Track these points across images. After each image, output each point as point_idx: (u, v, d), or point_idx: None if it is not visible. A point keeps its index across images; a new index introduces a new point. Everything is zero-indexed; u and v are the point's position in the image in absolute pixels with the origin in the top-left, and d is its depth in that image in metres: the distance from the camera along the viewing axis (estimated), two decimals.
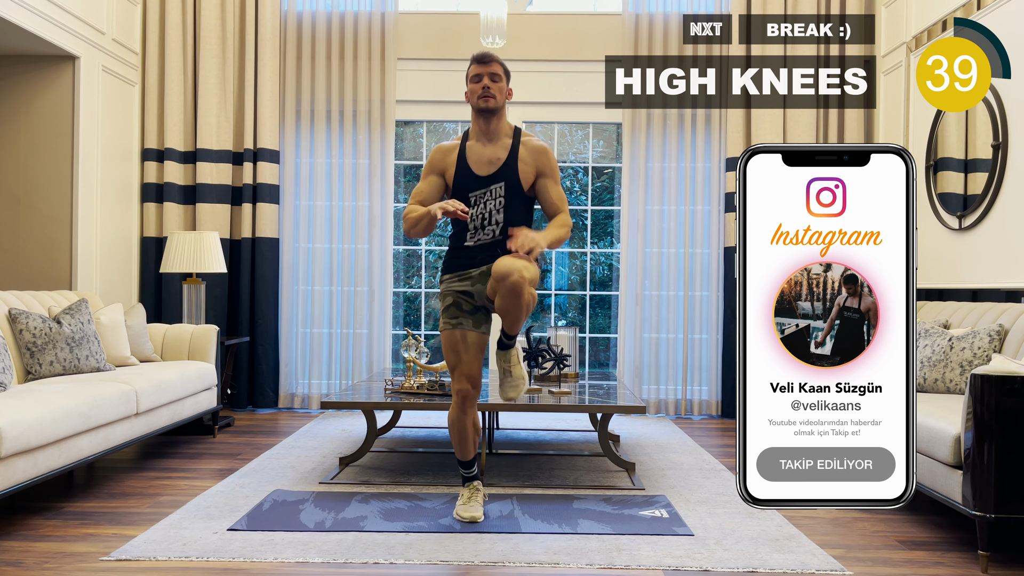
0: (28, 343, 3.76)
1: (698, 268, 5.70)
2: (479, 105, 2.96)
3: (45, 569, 2.52)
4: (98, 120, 5.09)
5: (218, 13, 5.63)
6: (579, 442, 4.60)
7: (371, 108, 5.73)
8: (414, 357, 4.02)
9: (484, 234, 2.95)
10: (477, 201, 2.95)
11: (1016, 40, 3.87)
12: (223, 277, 5.61)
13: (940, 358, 3.57)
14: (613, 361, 6.23)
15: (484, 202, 2.95)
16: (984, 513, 2.55)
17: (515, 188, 2.95)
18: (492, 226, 2.95)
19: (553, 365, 4.35)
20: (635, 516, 3.11)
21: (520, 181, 2.96)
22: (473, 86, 2.97)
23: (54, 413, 3.02)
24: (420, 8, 6.03)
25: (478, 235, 2.95)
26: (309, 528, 2.92)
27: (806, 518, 3.16)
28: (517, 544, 2.77)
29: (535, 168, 2.98)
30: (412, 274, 6.76)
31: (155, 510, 3.17)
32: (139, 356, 4.49)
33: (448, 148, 3.02)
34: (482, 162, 2.96)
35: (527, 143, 2.99)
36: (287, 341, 5.75)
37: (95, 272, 5.07)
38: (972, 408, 2.59)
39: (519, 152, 2.97)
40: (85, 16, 4.88)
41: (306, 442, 4.51)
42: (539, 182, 3.00)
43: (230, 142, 5.69)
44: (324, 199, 5.78)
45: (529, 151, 2.98)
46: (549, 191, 3.00)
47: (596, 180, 6.68)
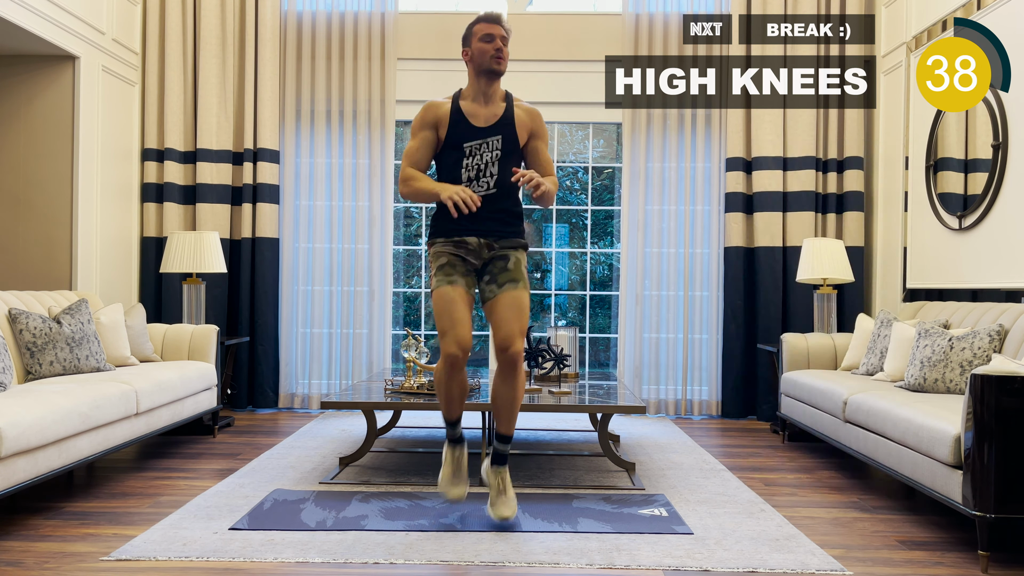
0: (28, 343, 3.76)
1: (698, 268, 5.70)
2: (490, 66, 2.96)
3: (45, 569, 2.52)
4: (98, 120, 5.09)
5: (218, 13, 5.63)
6: (579, 442, 4.60)
7: (371, 108, 5.73)
8: (414, 357, 4.02)
9: (478, 185, 2.96)
10: (473, 152, 2.97)
11: (1016, 40, 3.87)
12: (223, 277, 5.61)
13: (940, 358, 3.57)
14: (613, 361, 6.23)
15: (480, 153, 2.97)
16: (984, 513, 2.55)
17: (512, 143, 3.00)
18: (487, 178, 2.96)
19: (553, 365, 4.35)
20: (634, 515, 3.11)
21: (517, 137, 3.01)
22: (484, 45, 2.96)
23: (54, 413, 3.02)
24: (420, 8, 6.03)
25: (472, 186, 2.95)
26: (310, 527, 2.92)
27: (806, 518, 3.16)
28: (517, 544, 2.77)
29: (529, 129, 3.04)
30: (412, 274, 6.77)
31: (155, 510, 3.17)
32: (139, 356, 4.49)
33: (439, 103, 3.02)
34: (479, 116, 2.98)
35: (520, 105, 3.07)
36: (287, 341, 5.75)
37: (95, 272, 5.07)
38: (972, 408, 2.59)
39: (515, 112, 3.04)
40: (85, 16, 4.89)
41: (306, 442, 4.51)
42: (531, 143, 3.06)
43: (230, 142, 5.69)
44: (324, 199, 5.78)
45: (524, 112, 3.05)
46: (540, 153, 3.08)
47: (596, 180, 6.68)
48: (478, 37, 2.97)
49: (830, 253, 5.02)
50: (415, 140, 3.01)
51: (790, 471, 4.02)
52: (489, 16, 2.99)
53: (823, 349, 4.76)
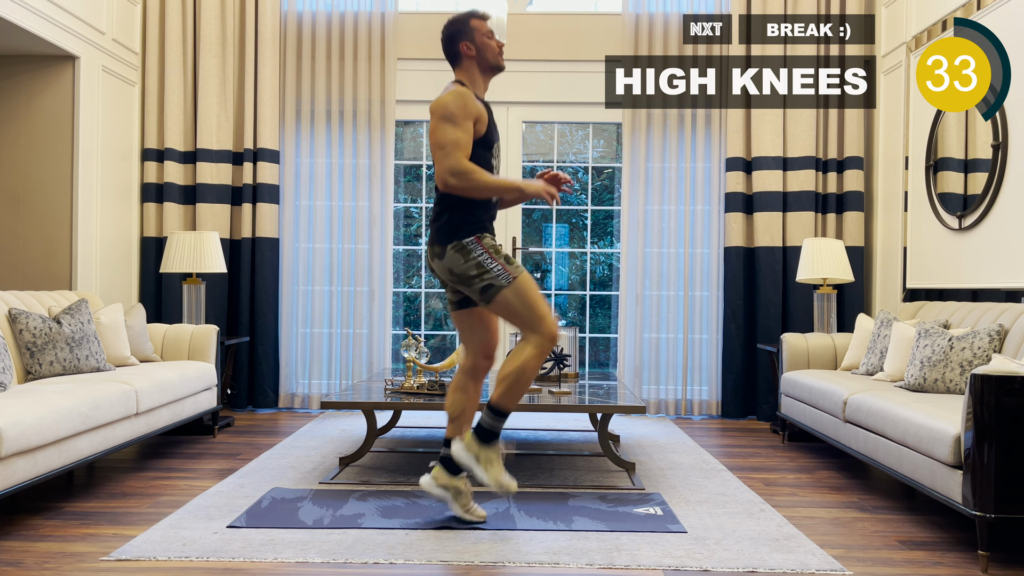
0: (28, 343, 3.76)
1: (698, 268, 5.70)
2: (499, 63, 2.98)
3: (45, 569, 2.52)
4: (98, 120, 5.09)
5: (218, 13, 5.63)
6: (579, 442, 4.60)
7: (371, 108, 5.73)
8: (414, 357, 4.02)
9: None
10: (496, 152, 2.98)
11: (1016, 40, 3.87)
12: (223, 277, 5.61)
13: (940, 358, 3.57)
14: (613, 361, 6.23)
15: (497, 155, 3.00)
16: (984, 513, 2.55)
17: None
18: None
19: (553, 365, 4.35)
20: (629, 513, 3.11)
21: None
22: (492, 42, 2.97)
23: (54, 413, 3.02)
24: (420, 8, 6.03)
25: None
26: (307, 525, 2.92)
27: (806, 518, 3.16)
28: (517, 544, 2.77)
29: None
30: (412, 274, 6.76)
31: (155, 510, 3.17)
32: (139, 356, 4.49)
33: (473, 96, 2.88)
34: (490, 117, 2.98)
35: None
36: (287, 341, 5.75)
37: (95, 272, 5.07)
38: (972, 408, 2.59)
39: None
40: (85, 16, 4.89)
41: (306, 442, 4.51)
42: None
43: (230, 142, 5.69)
44: (324, 199, 5.78)
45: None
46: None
47: (596, 180, 6.68)
48: (483, 33, 2.96)
49: (830, 253, 5.02)
50: (461, 130, 2.78)
51: (790, 471, 4.02)
52: (484, 14, 2.98)
53: (823, 349, 4.76)
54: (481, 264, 2.81)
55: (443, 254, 2.86)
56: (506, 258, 2.83)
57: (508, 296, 2.79)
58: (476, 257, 2.82)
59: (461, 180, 2.76)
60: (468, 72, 2.98)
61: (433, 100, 2.87)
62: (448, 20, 3.01)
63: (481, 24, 2.97)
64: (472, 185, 2.78)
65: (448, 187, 2.79)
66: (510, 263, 2.83)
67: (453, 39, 2.97)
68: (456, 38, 2.97)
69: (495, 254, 2.83)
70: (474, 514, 2.95)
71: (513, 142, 5.98)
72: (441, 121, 2.79)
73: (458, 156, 2.77)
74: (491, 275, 2.80)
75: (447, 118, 2.78)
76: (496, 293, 2.80)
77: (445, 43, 2.99)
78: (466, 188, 2.79)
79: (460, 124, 2.78)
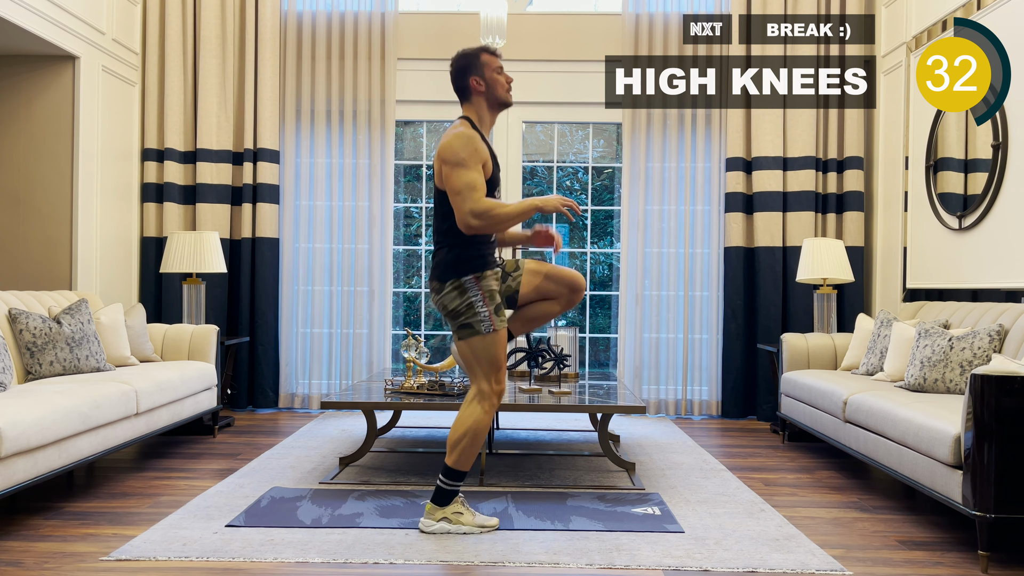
0: (28, 343, 3.76)
1: (698, 268, 5.70)
2: (507, 100, 2.95)
3: (45, 569, 2.52)
4: (98, 120, 5.09)
5: (218, 13, 5.63)
6: (579, 442, 4.60)
7: (371, 108, 5.73)
8: (414, 357, 4.02)
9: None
10: (498, 194, 2.96)
11: (1016, 40, 3.87)
12: (223, 277, 5.61)
13: (940, 358, 3.57)
14: (613, 361, 6.23)
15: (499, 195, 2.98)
16: (984, 513, 2.55)
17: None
18: None
19: (553, 365, 4.35)
20: (627, 513, 3.11)
21: None
22: (501, 77, 2.93)
23: (54, 413, 3.02)
24: (420, 8, 6.03)
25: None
26: (307, 525, 2.92)
27: (806, 518, 3.16)
28: (517, 544, 2.77)
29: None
30: (412, 274, 6.76)
31: (155, 510, 3.17)
32: (139, 356, 4.49)
33: (479, 137, 2.88)
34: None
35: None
36: (287, 341, 5.75)
37: (95, 272, 5.07)
38: (972, 408, 2.59)
39: None
40: (85, 16, 4.89)
41: (306, 442, 4.51)
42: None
43: (230, 142, 5.69)
44: (324, 199, 5.78)
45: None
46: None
47: (596, 180, 6.68)
48: (493, 68, 2.92)
49: (830, 253, 5.02)
50: (475, 172, 2.79)
51: (790, 471, 4.02)
52: (495, 50, 2.95)
53: (823, 349, 4.76)
54: (472, 306, 2.85)
55: (441, 290, 2.90)
56: (496, 308, 2.88)
57: (478, 343, 2.85)
58: (470, 298, 2.86)
59: (483, 219, 2.77)
60: (476, 108, 2.94)
61: (441, 143, 2.85)
62: (458, 53, 2.96)
63: (492, 59, 2.92)
64: (494, 221, 2.79)
65: (471, 229, 2.79)
66: (498, 314, 2.88)
67: (463, 73, 2.93)
68: (466, 72, 2.92)
69: (489, 300, 2.86)
70: (487, 523, 2.93)
71: (513, 142, 5.98)
72: (454, 167, 2.80)
73: (476, 198, 2.78)
74: (475, 319, 2.85)
75: (459, 164, 2.80)
76: (471, 335, 2.85)
77: (455, 76, 2.95)
78: (489, 226, 2.80)
79: (471, 166, 2.80)
